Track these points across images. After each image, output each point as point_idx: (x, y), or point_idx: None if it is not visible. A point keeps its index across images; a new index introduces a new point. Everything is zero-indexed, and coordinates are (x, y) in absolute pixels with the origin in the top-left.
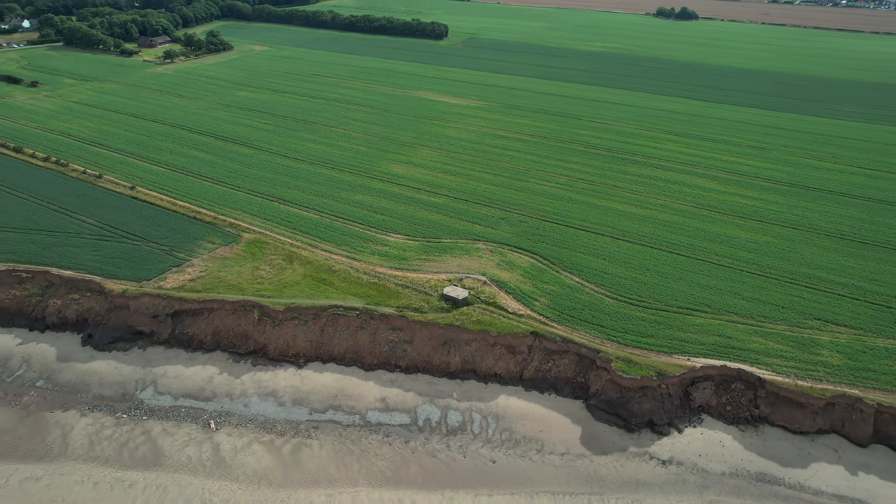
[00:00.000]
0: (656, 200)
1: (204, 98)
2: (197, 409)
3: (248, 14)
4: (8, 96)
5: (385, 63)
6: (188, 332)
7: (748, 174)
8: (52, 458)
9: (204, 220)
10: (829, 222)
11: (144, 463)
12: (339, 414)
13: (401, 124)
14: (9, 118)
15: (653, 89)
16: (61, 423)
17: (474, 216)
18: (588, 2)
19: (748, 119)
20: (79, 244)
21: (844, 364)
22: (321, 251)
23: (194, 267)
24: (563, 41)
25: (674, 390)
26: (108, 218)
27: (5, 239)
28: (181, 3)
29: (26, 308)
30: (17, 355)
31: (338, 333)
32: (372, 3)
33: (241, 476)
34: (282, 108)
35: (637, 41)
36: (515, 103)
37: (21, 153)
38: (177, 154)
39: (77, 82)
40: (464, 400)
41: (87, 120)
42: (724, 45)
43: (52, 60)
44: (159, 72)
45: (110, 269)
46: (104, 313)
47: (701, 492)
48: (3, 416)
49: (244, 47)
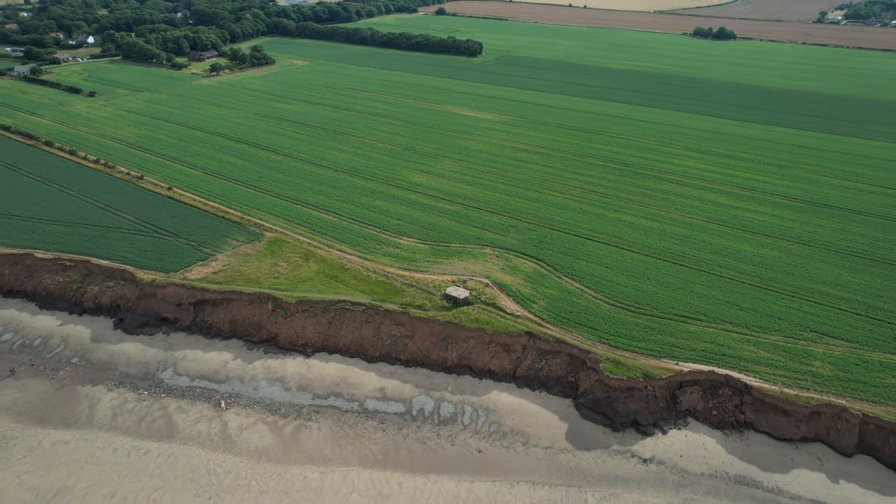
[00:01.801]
0: (666, 214)
1: (242, 108)
2: (210, 390)
3: (292, 30)
4: (68, 104)
5: (418, 78)
6: (208, 320)
7: (764, 191)
8: (79, 426)
9: (231, 219)
10: (841, 239)
11: (159, 434)
12: (340, 400)
13: (426, 136)
14: (67, 124)
15: (678, 107)
16: (90, 396)
17: (485, 223)
18: (625, 21)
19: (773, 137)
20: (117, 237)
21: (835, 375)
22: (336, 251)
23: (218, 261)
24: (595, 59)
25: (660, 393)
26: (146, 215)
27: (54, 231)
28: (230, 21)
29: (68, 293)
30: (57, 335)
31: (344, 326)
32: (412, 22)
33: (243, 451)
34: (314, 119)
35: (670, 60)
36: (539, 118)
37: (75, 156)
38: (212, 159)
39: (130, 92)
40: (457, 393)
41: (134, 126)
42: (759, 65)
43: (110, 73)
44: (204, 83)
45: (143, 261)
46: (134, 300)
47: (678, 490)
48: (41, 388)
49: (286, 62)
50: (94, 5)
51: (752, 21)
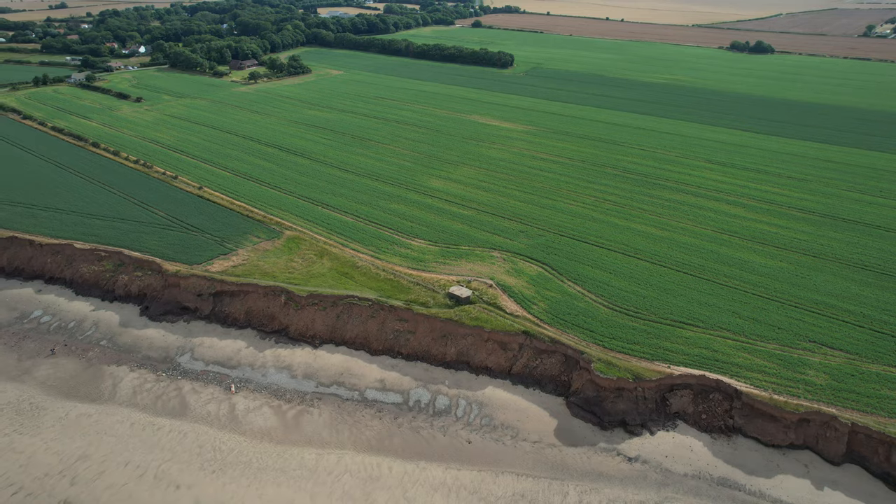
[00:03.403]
0: (677, 223)
1: (276, 114)
2: (223, 375)
3: (330, 41)
4: (116, 109)
5: (447, 89)
6: (225, 310)
7: (780, 203)
8: (102, 401)
9: (254, 217)
10: (854, 253)
11: (172, 412)
12: (342, 389)
13: (448, 144)
14: (114, 127)
15: (703, 119)
16: (114, 375)
17: (496, 228)
18: (662, 35)
19: (797, 151)
20: (149, 231)
21: (828, 384)
22: (349, 249)
23: (238, 256)
24: (627, 72)
25: (649, 394)
26: (176, 212)
27: (93, 224)
28: (271, 31)
29: (101, 281)
30: (89, 319)
31: (351, 320)
32: (448, 34)
33: (248, 431)
34: (343, 126)
35: (702, 73)
36: (563, 129)
37: (117, 156)
38: (242, 161)
39: (173, 98)
40: (454, 387)
41: (174, 130)
42: (795, 79)
43: (157, 80)
44: (242, 91)
45: (169, 253)
46: (160, 289)
47: (659, 488)
48: (72, 366)
49: (321, 71)
50: (148, 17)
51: (794, 35)
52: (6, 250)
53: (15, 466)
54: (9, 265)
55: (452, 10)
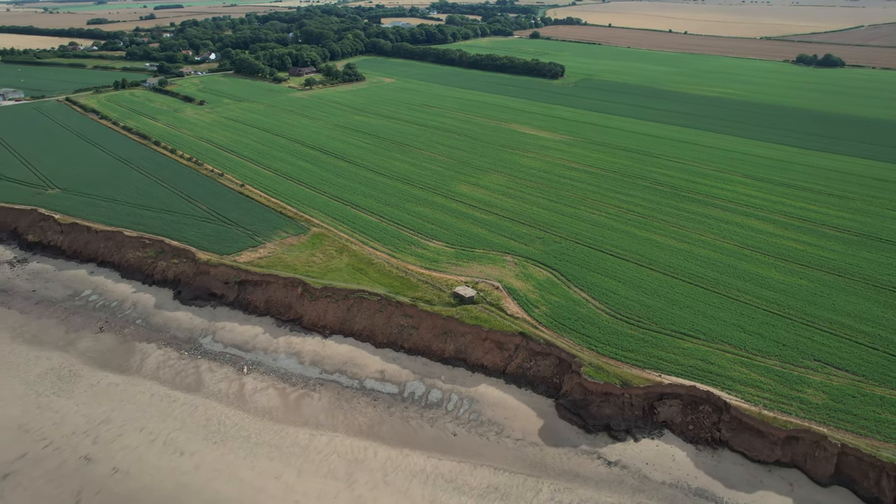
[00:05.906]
0: (699, 237)
1: (324, 119)
2: (238, 357)
3: (387, 50)
4: (180, 111)
5: (493, 98)
6: (248, 297)
7: (813, 220)
8: (130, 373)
9: (286, 214)
10: (885, 274)
11: (188, 388)
12: (343, 377)
13: (482, 151)
14: (175, 127)
15: (748, 134)
16: (143, 351)
17: (513, 233)
18: (725, 48)
19: (845, 168)
20: (189, 223)
21: (824, 404)
22: (368, 247)
23: (265, 248)
24: (677, 85)
25: (636, 401)
26: (217, 206)
27: (142, 215)
28: (332, 40)
29: (143, 266)
30: (129, 299)
31: (360, 313)
32: (505, 45)
33: (251, 409)
34: (385, 131)
35: (759, 87)
36: (600, 139)
37: (174, 154)
38: (285, 162)
39: (232, 102)
40: (448, 382)
41: (228, 131)
42: (861, 94)
43: (221, 85)
44: (297, 96)
45: (204, 244)
46: (192, 276)
47: (633, 493)
48: (109, 340)
49: (374, 79)
50: (223, 27)
51: (870, 48)
52: (67, 235)
53: (49, 423)
54: (69, 248)
55: (513, 22)
